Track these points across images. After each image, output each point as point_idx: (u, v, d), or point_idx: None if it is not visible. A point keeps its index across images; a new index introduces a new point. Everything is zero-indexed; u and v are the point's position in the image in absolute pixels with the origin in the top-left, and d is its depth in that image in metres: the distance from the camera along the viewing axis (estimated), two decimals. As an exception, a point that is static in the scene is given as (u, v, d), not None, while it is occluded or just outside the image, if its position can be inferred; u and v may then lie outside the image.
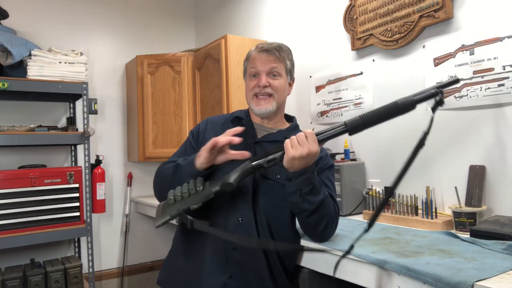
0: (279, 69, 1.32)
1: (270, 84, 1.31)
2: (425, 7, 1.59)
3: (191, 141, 1.38)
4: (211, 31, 3.30)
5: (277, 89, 1.32)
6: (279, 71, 1.33)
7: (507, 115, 1.38)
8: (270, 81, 1.31)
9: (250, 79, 1.35)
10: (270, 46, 1.33)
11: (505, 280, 0.88)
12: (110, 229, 3.09)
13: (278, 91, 1.32)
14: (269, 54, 1.32)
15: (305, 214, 1.17)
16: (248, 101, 1.36)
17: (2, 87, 2.23)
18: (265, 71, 1.31)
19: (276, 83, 1.32)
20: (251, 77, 1.34)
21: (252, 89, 1.33)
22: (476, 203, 1.40)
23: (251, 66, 1.34)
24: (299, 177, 1.11)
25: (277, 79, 1.32)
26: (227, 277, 1.18)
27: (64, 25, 2.94)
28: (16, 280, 2.28)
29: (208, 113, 2.62)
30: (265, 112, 1.32)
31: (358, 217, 1.72)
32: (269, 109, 1.32)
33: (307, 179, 1.11)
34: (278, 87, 1.32)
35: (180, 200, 1.11)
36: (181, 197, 1.11)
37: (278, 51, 1.32)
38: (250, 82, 1.34)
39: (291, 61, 1.38)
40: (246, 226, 1.21)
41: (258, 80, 1.31)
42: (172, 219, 1.13)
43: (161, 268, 1.35)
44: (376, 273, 1.08)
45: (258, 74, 1.32)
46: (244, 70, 1.40)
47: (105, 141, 3.08)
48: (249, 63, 1.36)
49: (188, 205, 1.11)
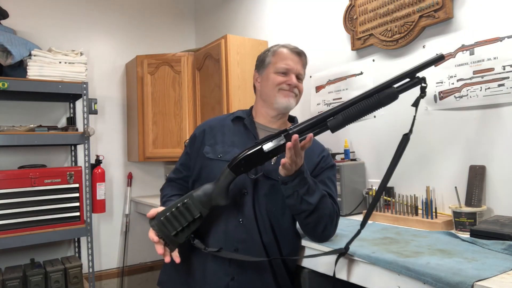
0: (303, 75, 1.38)
1: (297, 85, 1.35)
2: (425, 7, 1.59)
3: (187, 150, 1.40)
4: (211, 31, 3.30)
5: (300, 91, 1.37)
6: (303, 77, 1.38)
7: (507, 115, 1.38)
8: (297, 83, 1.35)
9: (278, 74, 1.33)
10: (300, 50, 1.37)
11: (505, 280, 0.88)
12: (110, 229, 3.09)
13: (300, 94, 1.37)
14: (300, 57, 1.36)
15: (303, 215, 1.17)
16: (270, 95, 1.33)
17: (2, 87, 2.23)
18: (295, 72, 1.34)
19: (301, 87, 1.37)
20: (279, 73, 1.33)
21: (279, 85, 1.32)
22: (476, 203, 1.40)
23: (284, 63, 1.33)
24: (295, 179, 1.11)
25: (300, 83, 1.37)
26: (229, 279, 1.18)
27: (64, 25, 2.94)
28: (16, 280, 2.28)
29: (208, 113, 2.63)
30: (289, 107, 1.33)
31: (358, 217, 1.72)
32: (293, 105, 1.34)
33: (302, 180, 1.12)
34: (301, 90, 1.37)
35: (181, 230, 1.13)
36: (183, 227, 1.13)
37: (305, 57, 1.39)
38: (278, 77, 1.33)
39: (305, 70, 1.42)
40: (247, 227, 1.21)
41: (289, 78, 1.32)
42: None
43: (161, 269, 1.35)
44: (376, 273, 1.08)
45: (289, 73, 1.33)
46: (268, 63, 1.36)
47: (105, 141, 3.08)
48: (279, 58, 1.34)
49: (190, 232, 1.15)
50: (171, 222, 1.12)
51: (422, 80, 0.99)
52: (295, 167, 1.09)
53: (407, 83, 1.01)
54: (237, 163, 1.11)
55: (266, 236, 1.22)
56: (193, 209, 1.13)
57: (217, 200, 1.14)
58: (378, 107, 1.03)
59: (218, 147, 1.30)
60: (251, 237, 1.20)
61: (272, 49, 1.38)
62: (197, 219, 1.13)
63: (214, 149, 1.29)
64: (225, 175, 1.13)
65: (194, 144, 1.37)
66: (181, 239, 1.14)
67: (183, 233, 1.13)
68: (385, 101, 1.02)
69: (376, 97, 1.02)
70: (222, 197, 1.14)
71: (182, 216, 1.13)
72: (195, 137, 1.38)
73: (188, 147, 1.40)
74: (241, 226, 1.21)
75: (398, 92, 1.02)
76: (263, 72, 1.37)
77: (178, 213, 1.13)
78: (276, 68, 1.34)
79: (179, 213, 1.13)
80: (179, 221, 1.12)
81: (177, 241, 1.14)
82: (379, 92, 1.02)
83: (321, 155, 1.33)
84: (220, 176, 1.14)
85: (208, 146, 1.31)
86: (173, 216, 1.13)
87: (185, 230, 1.13)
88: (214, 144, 1.31)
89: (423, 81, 0.99)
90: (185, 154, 1.41)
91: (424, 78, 0.99)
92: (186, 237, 1.14)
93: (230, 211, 1.22)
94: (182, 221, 1.12)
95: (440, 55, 1.00)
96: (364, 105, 1.03)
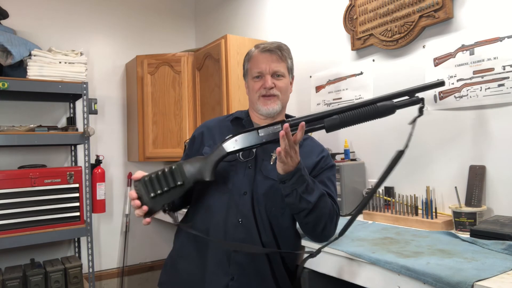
0: (282, 70, 1.32)
1: (276, 85, 1.31)
2: (425, 7, 1.59)
3: (187, 151, 1.41)
4: (211, 31, 3.30)
5: (282, 89, 1.32)
6: (283, 72, 1.33)
7: (507, 115, 1.38)
8: (275, 82, 1.31)
9: (254, 81, 1.33)
10: (272, 46, 1.32)
11: (505, 280, 0.88)
12: (110, 229, 3.09)
13: (282, 92, 1.33)
14: (272, 54, 1.31)
15: (303, 214, 1.17)
16: (253, 102, 1.34)
17: (2, 87, 2.23)
18: (269, 72, 1.30)
19: (280, 84, 1.32)
20: (254, 78, 1.33)
21: (257, 91, 1.32)
22: (476, 203, 1.40)
23: (255, 67, 1.32)
24: (293, 177, 1.11)
25: (281, 80, 1.32)
26: (229, 279, 1.18)
27: (64, 25, 2.94)
28: (16, 280, 2.28)
29: (208, 113, 2.63)
30: (271, 112, 1.31)
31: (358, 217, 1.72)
32: (276, 109, 1.32)
33: (300, 177, 1.12)
34: (282, 88, 1.32)
35: (160, 194, 1.14)
36: (162, 191, 1.14)
37: (280, 51, 1.32)
38: (255, 84, 1.32)
39: (291, 60, 1.37)
40: (247, 226, 1.21)
41: (264, 81, 1.30)
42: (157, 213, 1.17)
43: (162, 269, 1.35)
44: (376, 273, 1.08)
45: (262, 76, 1.31)
46: (246, 71, 1.38)
47: (105, 141, 3.08)
48: (252, 64, 1.34)
49: (168, 200, 1.15)
50: (153, 184, 1.14)
51: (420, 101, 1.03)
52: (290, 161, 1.08)
53: (406, 101, 1.05)
54: (231, 140, 1.14)
55: (265, 236, 1.22)
56: (177, 176, 1.14)
57: (203, 173, 1.15)
58: (375, 117, 1.06)
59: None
60: (250, 237, 1.20)
61: (248, 54, 1.38)
62: (178, 186, 1.14)
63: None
64: (217, 150, 1.15)
65: (193, 145, 1.39)
66: (158, 204, 1.14)
67: (161, 198, 1.14)
68: (383, 113, 1.05)
69: (374, 107, 1.05)
70: (208, 171, 1.15)
71: (165, 180, 1.14)
72: (194, 138, 1.40)
73: (187, 148, 1.42)
74: (240, 226, 1.21)
75: (396, 107, 1.05)
76: (246, 79, 1.40)
77: (162, 176, 1.15)
78: (252, 74, 1.34)
79: (163, 176, 1.15)
80: (161, 184, 1.14)
81: (153, 206, 1.14)
82: (379, 103, 1.05)
83: (321, 155, 1.33)
84: (213, 151, 1.16)
85: (208, 147, 1.32)
86: (157, 178, 1.15)
87: (164, 195, 1.14)
88: (213, 145, 1.31)
89: (422, 101, 1.02)
90: (185, 156, 1.42)
91: (423, 99, 1.03)
92: (163, 205, 1.15)
93: (229, 210, 1.22)
94: (163, 185, 1.14)
95: (441, 80, 1.06)
96: (361, 112, 1.05)
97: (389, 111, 1.04)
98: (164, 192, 1.14)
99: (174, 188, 1.14)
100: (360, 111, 1.05)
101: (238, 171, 1.25)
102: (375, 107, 1.04)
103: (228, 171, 1.26)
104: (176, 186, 1.14)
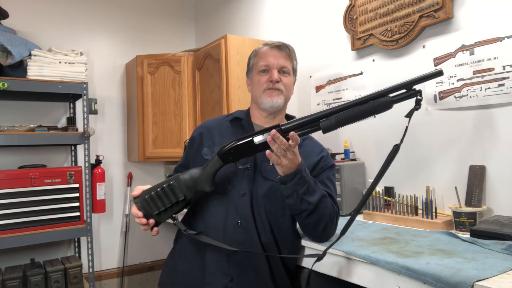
0: (288, 67, 1.34)
1: (281, 80, 1.31)
2: (425, 7, 1.59)
3: (186, 152, 1.42)
4: (211, 31, 3.30)
5: (286, 86, 1.33)
6: (289, 69, 1.34)
7: (507, 115, 1.38)
8: (281, 77, 1.31)
9: (260, 74, 1.33)
10: (281, 43, 1.34)
11: (505, 280, 0.88)
12: (110, 229, 3.09)
13: (287, 88, 1.33)
14: (280, 50, 1.33)
15: (304, 215, 1.17)
16: (257, 96, 1.33)
17: (2, 87, 2.23)
18: (276, 67, 1.31)
19: (286, 80, 1.33)
20: (261, 72, 1.33)
21: (263, 84, 1.31)
22: (476, 203, 1.40)
23: (262, 61, 1.33)
24: (293, 178, 1.11)
25: (286, 77, 1.33)
26: (229, 280, 1.18)
27: (64, 25, 2.94)
28: (16, 280, 2.28)
29: (208, 113, 2.63)
30: (275, 105, 1.31)
31: (358, 217, 1.72)
32: (280, 103, 1.31)
33: (301, 179, 1.11)
34: (287, 84, 1.33)
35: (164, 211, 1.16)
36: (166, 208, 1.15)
37: (288, 49, 1.34)
38: (261, 77, 1.32)
39: (296, 62, 1.39)
40: (246, 228, 1.21)
41: (270, 75, 1.30)
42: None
43: (162, 270, 1.35)
44: (376, 273, 1.08)
45: (269, 70, 1.31)
46: (252, 65, 1.38)
47: (105, 141, 3.08)
48: (259, 58, 1.34)
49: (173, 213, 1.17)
50: (155, 202, 1.15)
51: (418, 93, 0.99)
52: (289, 163, 1.08)
53: (403, 94, 1.01)
54: (226, 151, 1.13)
55: (265, 237, 1.22)
56: (178, 191, 1.15)
57: (203, 185, 1.16)
58: (371, 114, 1.03)
59: (216, 148, 1.29)
60: (249, 238, 1.20)
61: (255, 50, 1.39)
62: (181, 201, 1.15)
63: (212, 151, 1.29)
64: (213, 162, 1.15)
65: (192, 146, 1.39)
66: (163, 219, 1.16)
67: (165, 213, 1.16)
68: (379, 109, 1.02)
69: (370, 104, 1.02)
70: (207, 183, 1.16)
71: (166, 197, 1.15)
72: (193, 139, 1.40)
73: (187, 149, 1.42)
74: (239, 227, 1.21)
75: (393, 102, 1.02)
76: (250, 75, 1.39)
77: (163, 194, 1.15)
78: (258, 68, 1.34)
79: (163, 193, 1.15)
80: (163, 201, 1.15)
81: (159, 220, 1.16)
82: (374, 100, 1.02)
83: (320, 155, 1.32)
84: (209, 163, 1.16)
85: (207, 148, 1.32)
86: (157, 196, 1.15)
87: (168, 210, 1.15)
88: (212, 146, 1.31)
89: (419, 94, 0.99)
90: (184, 156, 1.43)
91: (420, 91, 0.99)
92: (168, 217, 1.17)
93: (228, 212, 1.22)
94: (166, 202, 1.15)
95: (439, 70, 1.00)
96: (357, 110, 1.03)
97: (386, 107, 1.01)
98: (168, 208, 1.15)
99: (176, 203, 1.16)
100: (356, 109, 1.03)
101: (237, 172, 1.25)
102: (371, 104, 1.02)
103: (227, 173, 1.25)
104: (178, 201, 1.16)
